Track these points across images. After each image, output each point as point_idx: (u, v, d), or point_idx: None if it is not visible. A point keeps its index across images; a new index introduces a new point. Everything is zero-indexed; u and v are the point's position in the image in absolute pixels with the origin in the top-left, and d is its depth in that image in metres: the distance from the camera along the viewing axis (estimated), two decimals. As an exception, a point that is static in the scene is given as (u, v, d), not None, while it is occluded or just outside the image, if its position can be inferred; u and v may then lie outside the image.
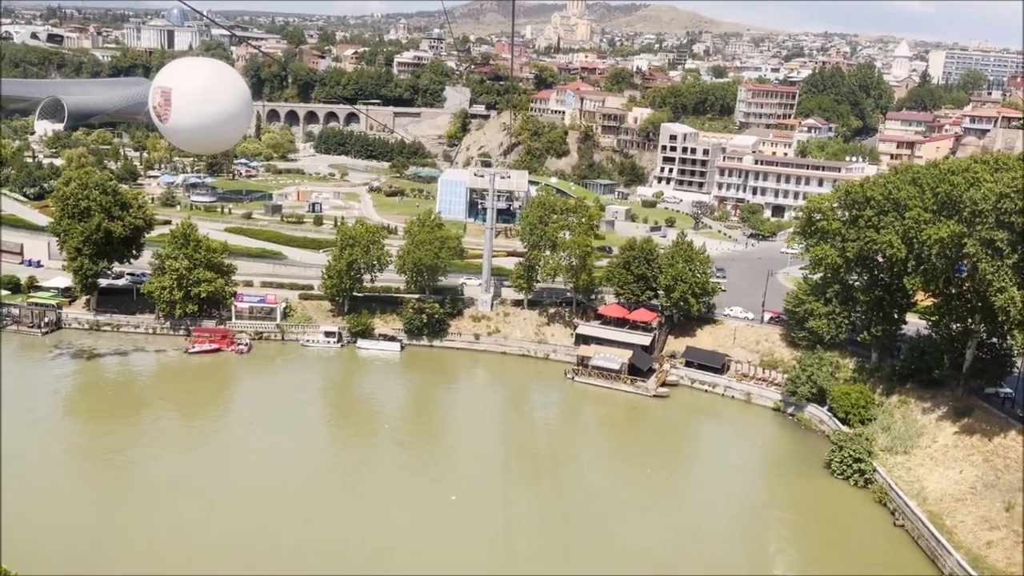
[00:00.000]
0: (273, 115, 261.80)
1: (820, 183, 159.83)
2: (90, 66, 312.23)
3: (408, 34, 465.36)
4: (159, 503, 62.12)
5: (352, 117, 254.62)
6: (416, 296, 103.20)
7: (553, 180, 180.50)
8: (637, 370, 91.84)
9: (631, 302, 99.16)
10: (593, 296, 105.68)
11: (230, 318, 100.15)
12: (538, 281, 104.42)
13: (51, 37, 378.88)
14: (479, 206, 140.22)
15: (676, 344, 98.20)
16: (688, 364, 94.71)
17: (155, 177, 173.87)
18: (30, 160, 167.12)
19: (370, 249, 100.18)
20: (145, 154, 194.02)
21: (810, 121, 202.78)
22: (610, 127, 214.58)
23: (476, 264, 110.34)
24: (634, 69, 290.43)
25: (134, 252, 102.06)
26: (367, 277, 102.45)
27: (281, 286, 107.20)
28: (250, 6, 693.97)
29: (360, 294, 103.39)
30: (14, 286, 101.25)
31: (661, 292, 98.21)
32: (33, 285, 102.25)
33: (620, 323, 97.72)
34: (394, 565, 55.98)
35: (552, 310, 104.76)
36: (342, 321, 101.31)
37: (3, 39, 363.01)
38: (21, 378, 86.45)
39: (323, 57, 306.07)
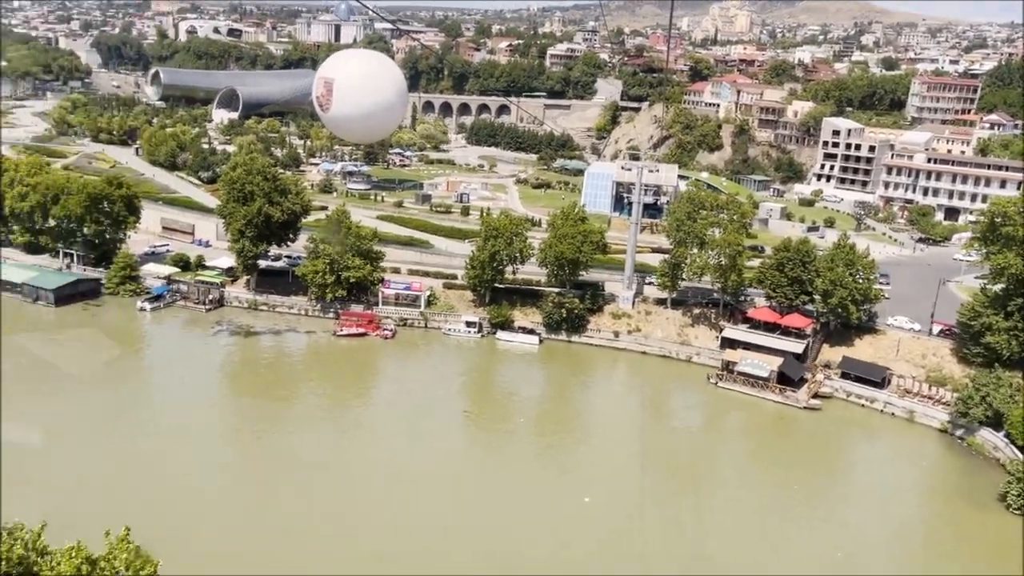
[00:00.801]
0: (428, 106, 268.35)
1: (1003, 184, 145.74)
2: (264, 59, 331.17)
3: (563, 27, 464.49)
4: (300, 480, 64.27)
5: (503, 109, 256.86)
6: (556, 290, 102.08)
7: (704, 175, 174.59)
8: (787, 379, 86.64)
9: (783, 306, 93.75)
10: (742, 298, 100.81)
11: (377, 303, 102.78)
12: (683, 280, 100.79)
13: (231, 32, 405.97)
14: (625, 200, 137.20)
15: (831, 353, 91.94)
16: (844, 376, 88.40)
17: (316, 164, 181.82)
18: (205, 146, 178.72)
19: (513, 241, 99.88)
20: (308, 142, 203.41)
21: (993, 117, 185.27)
22: (767, 121, 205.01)
23: (619, 260, 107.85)
24: (795, 61, 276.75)
25: (291, 236, 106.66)
26: (509, 269, 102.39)
27: (426, 274, 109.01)
28: (412, 3, 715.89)
29: (501, 285, 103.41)
30: (184, 264, 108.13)
31: (817, 297, 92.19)
32: (201, 264, 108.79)
33: (770, 328, 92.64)
34: (525, 562, 55.04)
35: (697, 311, 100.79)
36: (483, 312, 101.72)
37: (189, 33, 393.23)
38: (185, 351, 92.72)
39: (478, 50, 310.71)
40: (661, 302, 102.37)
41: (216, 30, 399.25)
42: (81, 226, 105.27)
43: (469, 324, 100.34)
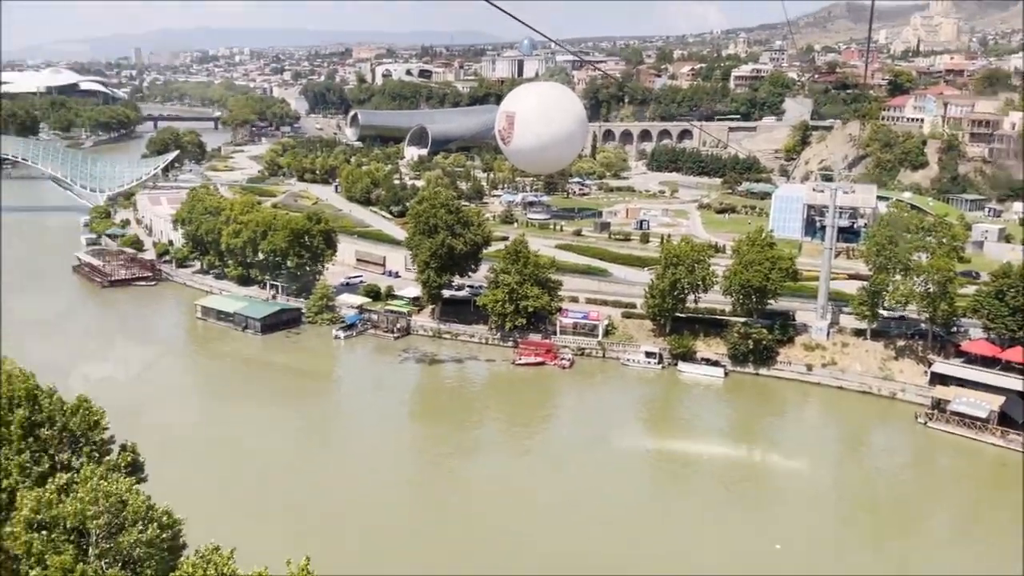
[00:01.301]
0: (608, 135, 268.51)
1: None
2: (452, 97, 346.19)
3: (748, 48, 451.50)
4: (478, 506, 64.68)
5: (685, 134, 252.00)
6: (742, 320, 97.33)
7: (906, 195, 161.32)
8: (1010, 420, 77.09)
9: (1004, 339, 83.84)
10: (954, 329, 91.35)
11: (554, 333, 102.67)
12: (884, 309, 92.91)
13: (422, 73, 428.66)
14: (817, 224, 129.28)
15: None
16: (1082, 419, 77.45)
17: (498, 196, 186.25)
18: (397, 182, 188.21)
19: (695, 268, 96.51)
20: (491, 175, 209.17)
21: None
22: (980, 135, 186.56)
23: (811, 287, 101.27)
24: (1012, 69, 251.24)
25: (473, 266, 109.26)
26: (691, 297, 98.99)
27: (604, 303, 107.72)
28: (593, 35, 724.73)
29: (683, 315, 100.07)
30: (375, 294, 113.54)
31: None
32: (390, 294, 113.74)
33: (989, 363, 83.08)
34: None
35: (901, 343, 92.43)
36: (663, 342, 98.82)
37: (385, 77, 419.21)
38: (374, 377, 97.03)
39: (659, 76, 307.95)
40: (859, 333, 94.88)
41: (408, 72, 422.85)
42: (285, 259, 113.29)
43: (649, 354, 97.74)
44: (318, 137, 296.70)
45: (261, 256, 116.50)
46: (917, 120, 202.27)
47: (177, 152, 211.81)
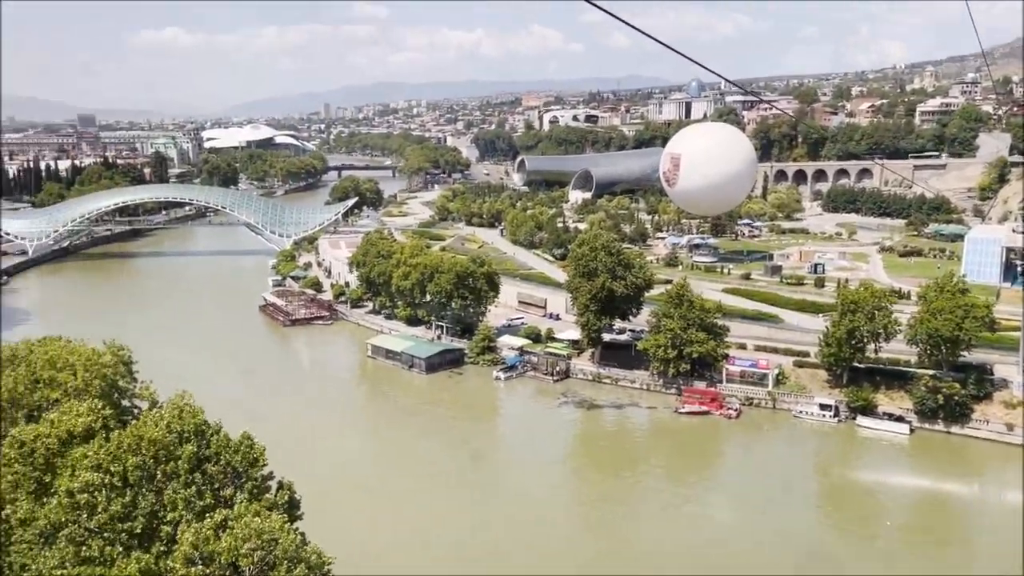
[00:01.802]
0: (780, 175, 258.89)
1: None
2: (617, 140, 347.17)
3: (935, 82, 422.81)
4: (642, 563, 62.15)
5: (864, 173, 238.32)
6: (930, 372, 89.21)
7: None
8: None
9: None
10: None
11: (720, 381, 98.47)
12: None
13: (588, 118, 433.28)
14: (1018, 268, 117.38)
15: None
16: None
17: (662, 239, 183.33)
18: (560, 225, 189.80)
19: (875, 315, 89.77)
20: (656, 217, 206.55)
21: None
22: None
23: (1011, 338, 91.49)
24: None
25: (634, 310, 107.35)
26: (870, 347, 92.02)
27: (775, 351, 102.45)
28: (765, 75, 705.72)
29: (861, 365, 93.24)
30: (535, 336, 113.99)
31: None
32: (550, 336, 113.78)
33: None
34: None
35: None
36: (839, 394, 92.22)
37: (552, 123, 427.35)
38: (532, 420, 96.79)
39: (835, 113, 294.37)
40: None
41: (575, 118, 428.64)
42: (450, 301, 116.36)
43: (823, 407, 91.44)
44: (486, 183, 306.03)
45: (428, 297, 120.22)
46: None
47: (356, 199, 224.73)
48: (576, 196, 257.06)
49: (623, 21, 17.21)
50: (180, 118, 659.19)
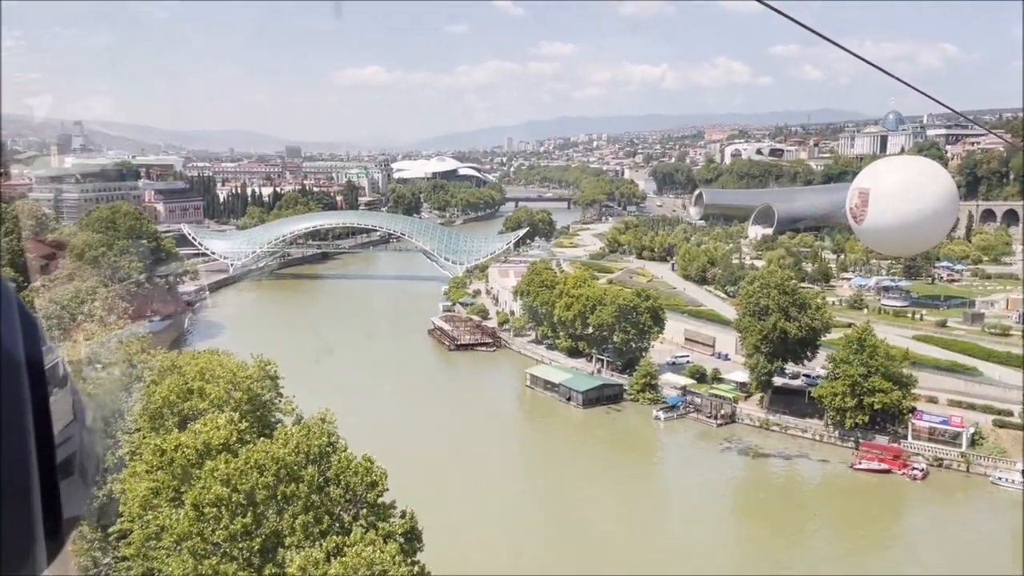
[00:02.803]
0: (988, 215, 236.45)
1: None
2: (804, 175, 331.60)
3: None
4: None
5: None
6: None
7: None
8: None
9: None
10: None
11: (905, 436, 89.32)
12: None
13: (772, 151, 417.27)
14: None
15: None
16: None
17: (848, 279, 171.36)
18: (735, 261, 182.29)
19: (1098, 375, 78.20)
20: (842, 256, 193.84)
21: None
22: None
23: None
24: None
25: (809, 354, 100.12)
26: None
27: (971, 407, 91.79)
28: (974, 107, 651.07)
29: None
30: (700, 376, 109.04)
31: None
32: (716, 377, 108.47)
33: None
34: None
35: None
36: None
37: (734, 156, 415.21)
38: (690, 466, 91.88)
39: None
40: None
41: (759, 151, 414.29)
42: (612, 334, 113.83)
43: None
44: (661, 216, 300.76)
45: (589, 329, 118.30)
46: None
47: (527, 229, 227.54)
48: (755, 232, 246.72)
49: (844, 48, 15.61)
50: (375, 150, 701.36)
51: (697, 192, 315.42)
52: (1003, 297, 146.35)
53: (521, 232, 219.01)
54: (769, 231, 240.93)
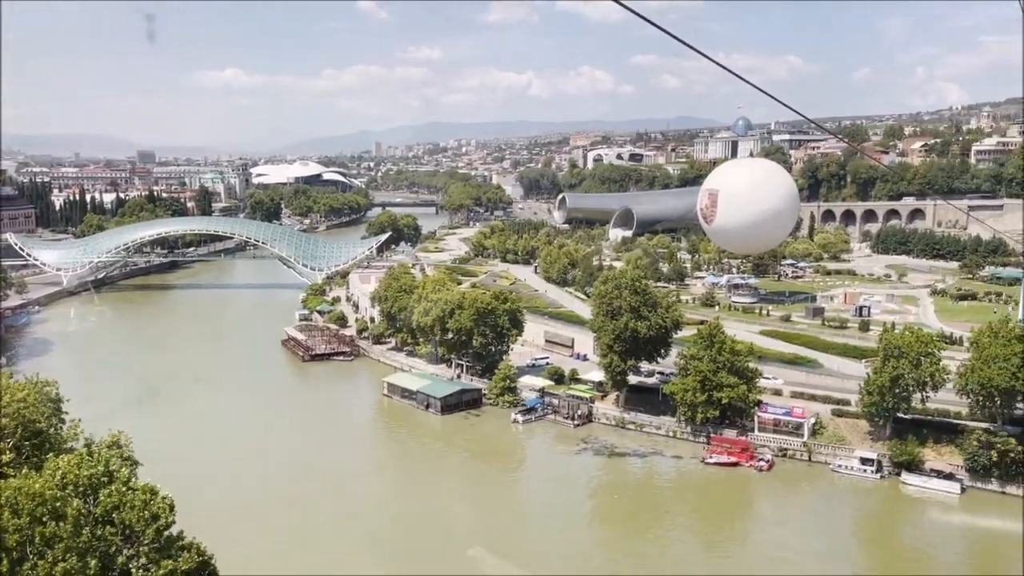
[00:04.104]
0: (828, 215, 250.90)
1: None
2: (662, 179, 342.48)
3: (993, 123, 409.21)
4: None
5: (916, 214, 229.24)
6: (983, 426, 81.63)
7: None
8: None
9: None
10: None
11: (752, 429, 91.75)
12: None
13: (632, 156, 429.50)
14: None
15: None
16: None
17: (701, 278, 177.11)
18: (596, 262, 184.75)
19: (921, 362, 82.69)
20: (696, 256, 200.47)
21: None
22: None
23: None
24: None
25: (662, 351, 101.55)
26: (917, 396, 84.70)
27: (812, 398, 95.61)
28: (817, 115, 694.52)
29: (906, 416, 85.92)
30: (558, 377, 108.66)
31: None
32: (574, 378, 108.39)
33: None
34: None
35: None
36: (882, 447, 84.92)
37: (596, 161, 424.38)
38: (548, 468, 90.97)
39: (886, 153, 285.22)
40: None
41: (619, 156, 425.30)
42: (471, 338, 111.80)
43: (864, 461, 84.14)
44: (527, 220, 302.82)
45: (449, 334, 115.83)
46: None
47: (389, 234, 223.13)
48: (616, 234, 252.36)
49: (701, 53, 16.39)
50: (236, 155, 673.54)
51: (561, 196, 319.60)
52: (841, 292, 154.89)
53: (383, 237, 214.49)
54: (629, 233, 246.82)
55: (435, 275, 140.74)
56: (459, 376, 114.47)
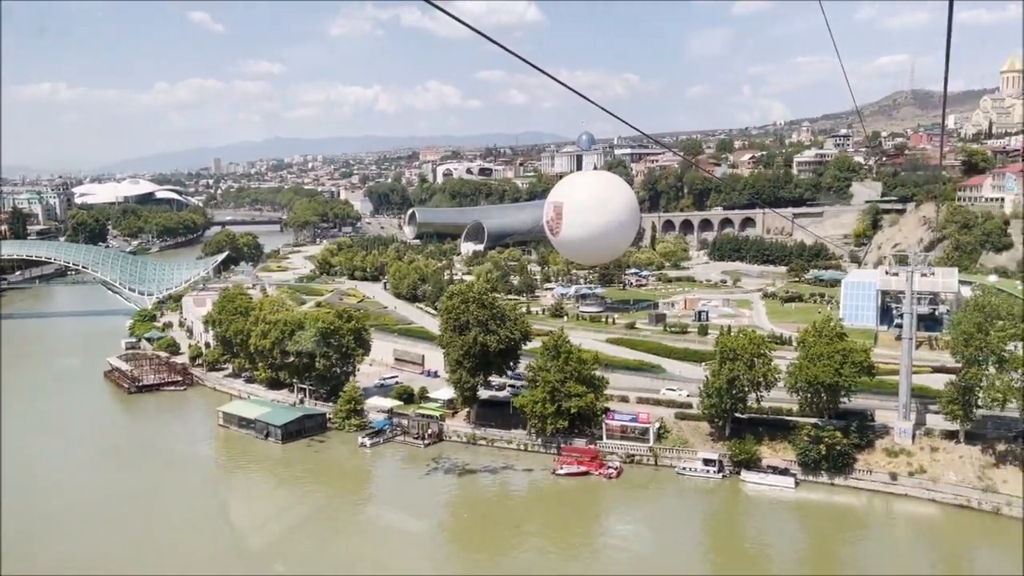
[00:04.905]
0: (668, 225, 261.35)
1: None
2: (511, 193, 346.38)
3: (812, 137, 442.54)
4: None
5: (748, 222, 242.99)
6: (812, 421, 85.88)
7: (992, 278, 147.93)
8: None
9: None
10: (1066, 431, 78.07)
11: (600, 437, 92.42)
12: (979, 407, 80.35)
13: (482, 171, 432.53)
14: (893, 312, 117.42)
15: None
16: None
17: (551, 289, 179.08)
18: (447, 277, 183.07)
19: (754, 363, 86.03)
20: (546, 268, 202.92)
21: None
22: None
23: (891, 383, 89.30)
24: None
25: (512, 365, 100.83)
26: (752, 396, 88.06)
27: (658, 403, 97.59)
28: (657, 131, 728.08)
29: (743, 416, 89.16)
30: (408, 396, 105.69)
31: None
32: (423, 396, 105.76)
33: (1115, 472, 69.48)
34: None
35: (1002, 447, 79.31)
36: (722, 447, 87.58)
37: (446, 176, 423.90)
38: (397, 492, 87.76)
39: (719, 165, 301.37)
40: (951, 435, 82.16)
41: (469, 171, 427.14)
42: (313, 361, 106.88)
43: (707, 462, 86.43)
44: (377, 236, 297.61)
45: (291, 357, 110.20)
46: (997, 200, 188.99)
47: (227, 254, 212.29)
48: (468, 248, 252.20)
49: (542, 71, 17.17)
50: (58, 174, 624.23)
51: (411, 211, 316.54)
52: (681, 298, 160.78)
53: (220, 257, 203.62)
54: (480, 247, 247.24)
55: (274, 295, 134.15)
56: (302, 401, 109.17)
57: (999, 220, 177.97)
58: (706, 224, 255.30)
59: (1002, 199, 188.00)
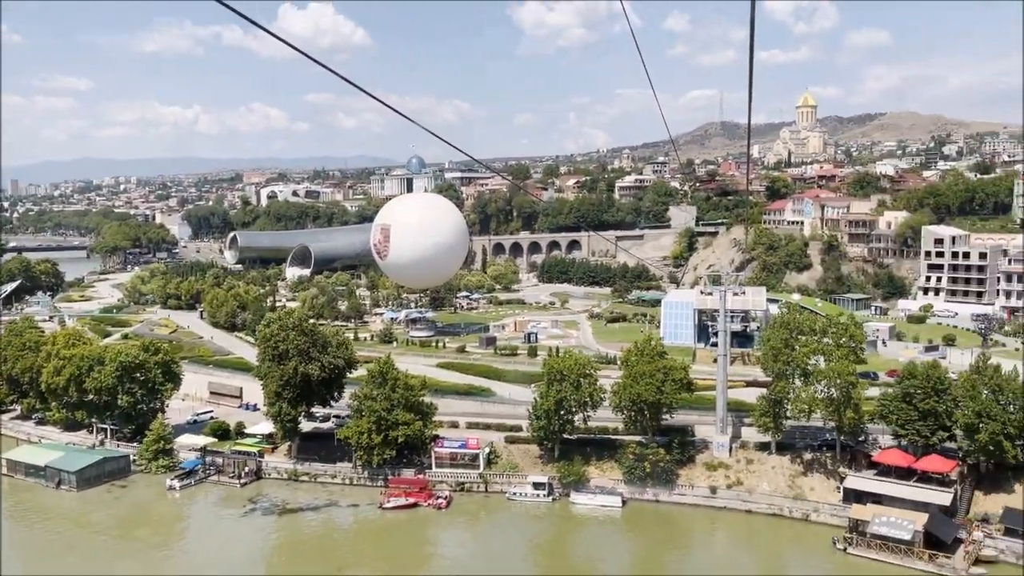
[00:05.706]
0: (498, 248, 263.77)
1: None
2: (340, 216, 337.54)
3: (632, 163, 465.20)
4: None
5: (574, 245, 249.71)
6: (637, 439, 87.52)
7: (795, 296, 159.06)
8: (936, 541, 68.37)
9: (917, 446, 76.56)
10: (862, 438, 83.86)
11: (430, 466, 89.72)
12: (788, 418, 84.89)
13: (308, 194, 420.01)
14: (709, 329, 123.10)
15: (988, 504, 73.53)
16: (1009, 532, 69.63)
17: (380, 314, 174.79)
18: (269, 303, 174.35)
19: (581, 384, 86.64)
20: (375, 292, 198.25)
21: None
22: (858, 235, 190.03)
23: (708, 398, 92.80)
24: (879, 174, 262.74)
25: (336, 394, 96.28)
26: (579, 416, 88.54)
27: (488, 427, 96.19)
28: (485, 156, 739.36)
29: (572, 436, 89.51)
30: (223, 432, 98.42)
31: (959, 433, 75.03)
32: (240, 431, 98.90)
33: (904, 474, 75.16)
34: None
35: (809, 456, 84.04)
36: (552, 469, 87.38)
37: (270, 198, 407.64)
38: (209, 538, 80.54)
39: (545, 189, 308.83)
40: (764, 447, 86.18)
41: (295, 193, 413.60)
42: (115, 398, 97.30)
43: (537, 485, 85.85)
44: (195, 261, 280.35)
45: (89, 396, 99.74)
46: (797, 223, 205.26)
47: (19, 283, 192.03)
48: (294, 273, 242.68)
49: (371, 95, 16.95)
50: None
51: (232, 235, 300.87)
52: (512, 320, 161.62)
53: (11, 286, 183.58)
54: (307, 272, 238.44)
55: (70, 328, 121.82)
56: (102, 443, 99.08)
57: (800, 242, 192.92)
58: (535, 247, 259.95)
59: (801, 222, 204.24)
